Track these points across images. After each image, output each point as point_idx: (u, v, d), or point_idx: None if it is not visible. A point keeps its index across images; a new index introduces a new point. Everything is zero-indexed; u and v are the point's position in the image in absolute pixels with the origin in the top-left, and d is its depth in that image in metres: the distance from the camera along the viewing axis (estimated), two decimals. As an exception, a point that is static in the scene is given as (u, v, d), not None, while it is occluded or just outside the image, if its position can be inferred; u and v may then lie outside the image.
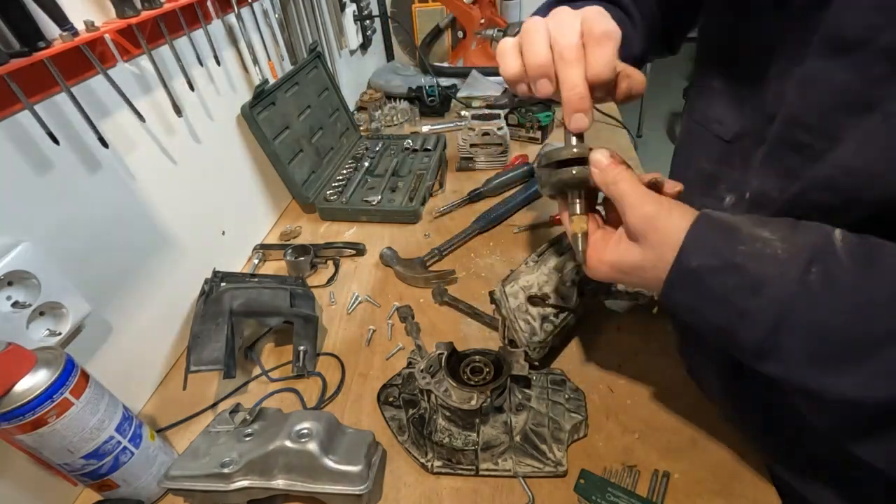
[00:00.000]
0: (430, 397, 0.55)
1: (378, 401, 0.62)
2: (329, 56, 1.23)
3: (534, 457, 0.53)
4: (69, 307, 0.54)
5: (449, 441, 0.54)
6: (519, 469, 0.53)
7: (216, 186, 0.82)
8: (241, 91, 0.89)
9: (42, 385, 0.43)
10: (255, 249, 0.91)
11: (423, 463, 0.55)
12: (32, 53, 0.49)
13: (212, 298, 0.69)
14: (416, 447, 0.56)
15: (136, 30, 0.61)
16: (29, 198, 0.52)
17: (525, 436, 0.54)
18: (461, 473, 0.54)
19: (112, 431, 0.49)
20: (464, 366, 0.57)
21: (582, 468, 0.53)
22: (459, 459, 0.54)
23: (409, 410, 0.58)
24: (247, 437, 0.54)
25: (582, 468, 0.53)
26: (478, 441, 0.53)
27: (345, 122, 1.20)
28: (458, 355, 0.58)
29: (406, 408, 0.59)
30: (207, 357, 0.63)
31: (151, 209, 0.68)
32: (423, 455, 0.55)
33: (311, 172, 1.03)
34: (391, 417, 0.60)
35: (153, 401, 0.68)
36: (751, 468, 0.51)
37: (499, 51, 0.44)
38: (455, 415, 0.54)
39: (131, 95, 0.61)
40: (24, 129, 0.51)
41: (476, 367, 0.57)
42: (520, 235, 0.89)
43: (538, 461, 0.53)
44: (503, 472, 0.53)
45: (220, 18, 0.81)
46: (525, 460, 0.53)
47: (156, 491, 0.55)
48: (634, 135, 2.75)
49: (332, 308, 0.79)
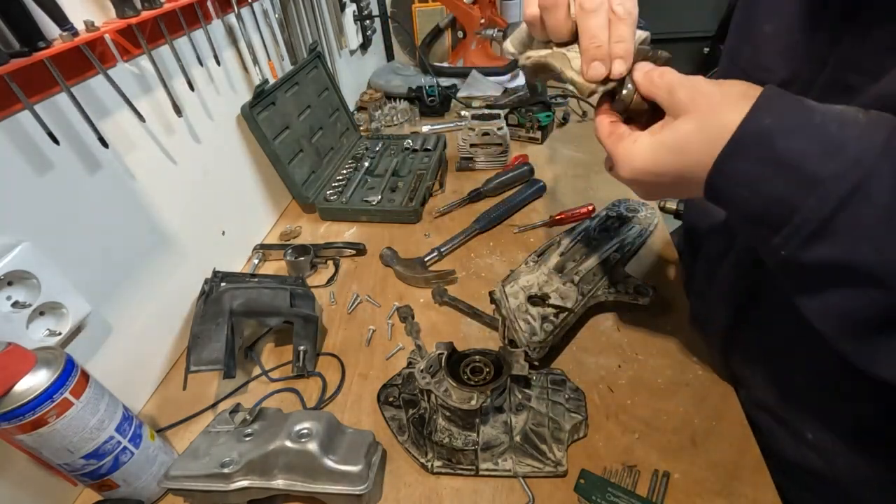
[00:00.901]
0: (430, 397, 0.55)
1: (378, 401, 0.62)
2: (329, 56, 1.23)
3: (534, 457, 0.53)
4: (69, 307, 0.54)
5: (449, 441, 0.54)
6: (519, 469, 0.53)
7: (216, 186, 0.82)
8: (241, 91, 0.89)
9: (42, 385, 0.43)
10: (255, 249, 0.91)
11: (423, 463, 0.55)
12: (32, 53, 0.49)
13: (212, 298, 0.69)
14: (416, 447, 0.56)
15: (136, 30, 0.61)
16: (29, 198, 0.52)
17: (525, 436, 0.54)
18: (461, 473, 0.54)
19: (112, 431, 0.49)
20: (464, 366, 0.57)
21: (582, 468, 0.52)
22: (459, 459, 0.54)
23: (409, 410, 0.58)
24: (247, 437, 0.54)
25: (582, 468, 0.52)
26: (478, 441, 0.53)
27: (345, 122, 1.20)
28: (458, 355, 0.58)
29: (406, 408, 0.59)
30: (207, 357, 0.63)
31: (151, 209, 0.68)
32: (423, 455, 0.55)
33: (311, 172, 1.03)
34: (391, 417, 0.60)
35: (153, 401, 0.68)
36: (751, 468, 0.51)
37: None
38: (455, 415, 0.54)
39: (131, 95, 0.61)
40: (24, 129, 0.51)
41: (476, 367, 0.57)
42: (520, 235, 0.89)
43: (538, 461, 0.53)
44: (503, 473, 0.53)
45: (220, 18, 0.81)
46: (525, 460, 0.53)
47: (156, 491, 0.55)
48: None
49: (332, 308, 0.79)
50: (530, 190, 0.96)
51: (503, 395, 0.55)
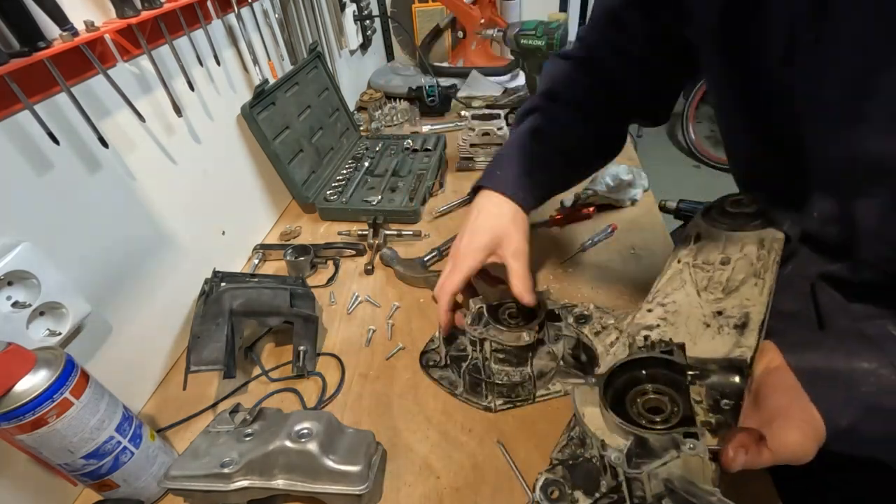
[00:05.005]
0: (482, 346, 0.60)
1: (422, 365, 0.66)
2: (329, 56, 1.23)
3: (577, 375, 0.59)
4: (69, 307, 0.54)
5: (507, 379, 0.59)
6: (567, 388, 0.59)
7: (216, 186, 0.82)
8: (241, 91, 0.89)
9: (42, 385, 0.43)
10: (255, 249, 0.91)
11: (485, 406, 0.60)
12: (32, 53, 0.49)
13: (212, 298, 0.69)
14: (475, 394, 0.61)
15: (136, 30, 0.60)
16: (29, 198, 0.52)
17: (566, 359, 0.61)
18: (519, 405, 0.60)
19: (112, 431, 0.49)
20: (500, 314, 0.62)
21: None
22: (518, 393, 0.60)
23: (462, 364, 0.62)
24: (247, 437, 0.54)
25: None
26: (531, 373, 0.59)
27: (345, 122, 1.20)
28: (493, 306, 0.63)
29: (456, 363, 0.64)
30: (207, 357, 0.63)
31: (151, 209, 0.68)
32: (484, 399, 0.61)
33: (311, 172, 1.03)
34: (440, 378, 0.64)
35: (153, 401, 0.68)
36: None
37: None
38: (510, 354, 0.59)
39: (131, 95, 0.61)
40: (24, 129, 0.51)
41: (511, 312, 0.62)
42: (520, 235, 0.89)
43: (581, 378, 0.58)
44: (555, 394, 0.61)
45: (220, 18, 0.81)
46: (570, 380, 0.59)
47: (156, 491, 0.55)
48: (635, 135, 2.74)
49: (332, 308, 0.79)
50: (530, 190, 0.96)
51: (543, 330, 0.60)
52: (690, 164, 2.95)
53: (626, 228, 0.87)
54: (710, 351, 0.43)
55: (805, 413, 0.36)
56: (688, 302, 0.49)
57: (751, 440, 0.35)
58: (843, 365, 0.37)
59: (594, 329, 0.56)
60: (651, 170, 0.99)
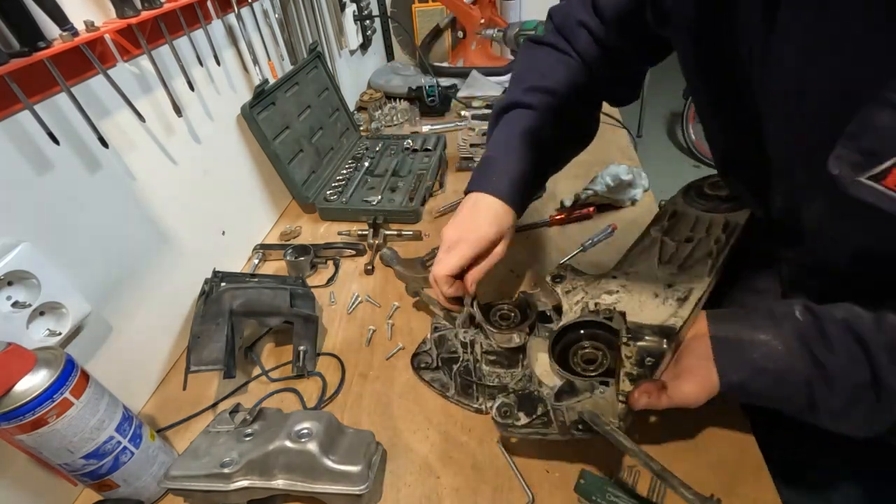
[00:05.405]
0: (472, 348, 0.60)
1: (413, 367, 0.66)
2: (329, 56, 1.23)
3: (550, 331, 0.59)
4: (69, 307, 0.54)
5: (499, 381, 0.59)
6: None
7: (216, 186, 0.82)
8: (241, 91, 0.89)
9: (42, 385, 0.43)
10: (255, 249, 0.91)
11: (476, 408, 0.60)
12: (32, 53, 0.49)
13: (212, 298, 0.69)
14: (466, 396, 0.61)
15: (136, 30, 0.60)
16: (29, 198, 0.52)
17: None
18: None
19: (112, 431, 0.49)
20: (492, 315, 0.61)
21: (582, 468, 0.53)
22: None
23: (453, 366, 0.62)
24: (247, 437, 0.54)
25: (582, 468, 0.53)
26: (530, 374, 0.58)
27: (345, 122, 1.20)
28: (484, 307, 0.62)
29: (447, 365, 0.63)
30: (207, 357, 0.63)
31: (151, 209, 0.68)
32: (475, 401, 0.60)
33: (311, 172, 1.03)
34: (432, 379, 0.64)
35: (153, 401, 0.68)
36: (751, 468, 0.51)
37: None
38: (501, 356, 0.59)
39: (131, 95, 0.61)
40: (24, 129, 0.51)
41: (503, 313, 0.62)
42: (519, 235, 0.89)
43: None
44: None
45: (220, 18, 0.81)
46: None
47: (156, 491, 0.55)
48: (634, 135, 2.74)
49: (332, 308, 0.79)
50: (530, 190, 0.96)
51: (534, 331, 0.59)
52: (690, 164, 2.95)
53: (626, 228, 0.87)
54: (651, 318, 0.53)
55: (706, 370, 0.45)
56: (648, 273, 0.60)
57: (654, 388, 0.45)
58: (747, 336, 0.44)
59: (566, 288, 0.61)
60: (651, 170, 0.99)
